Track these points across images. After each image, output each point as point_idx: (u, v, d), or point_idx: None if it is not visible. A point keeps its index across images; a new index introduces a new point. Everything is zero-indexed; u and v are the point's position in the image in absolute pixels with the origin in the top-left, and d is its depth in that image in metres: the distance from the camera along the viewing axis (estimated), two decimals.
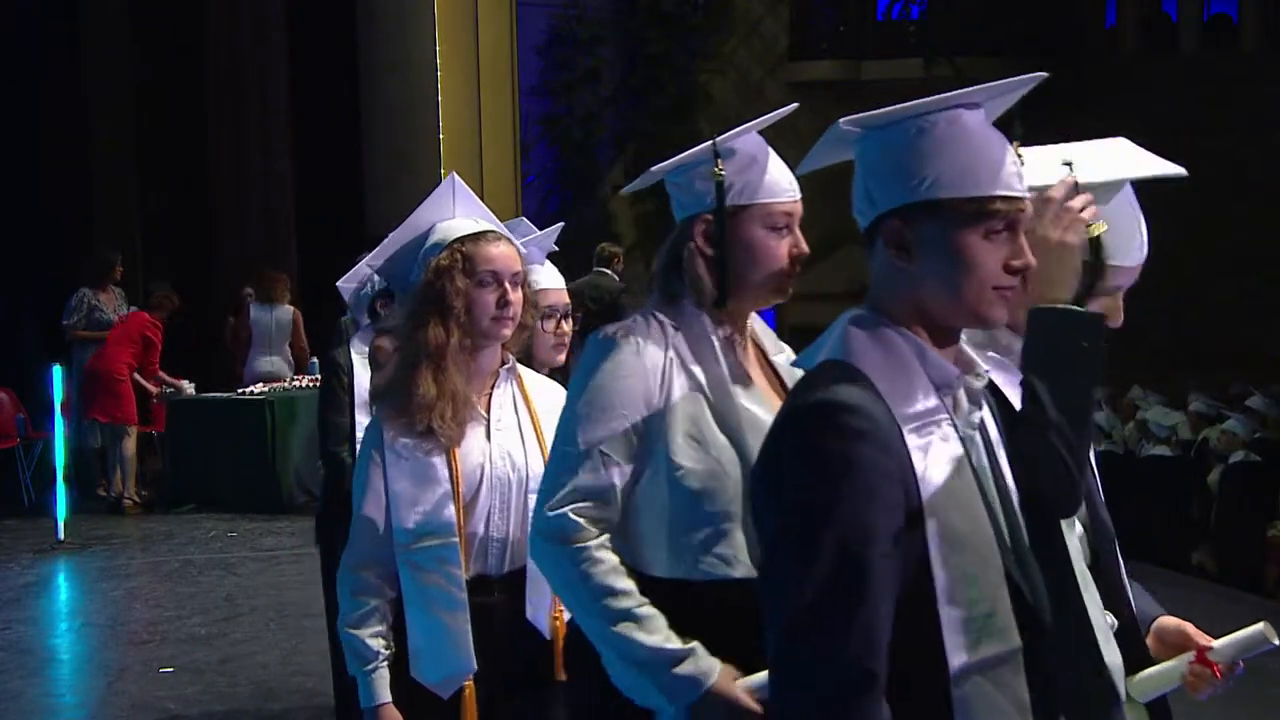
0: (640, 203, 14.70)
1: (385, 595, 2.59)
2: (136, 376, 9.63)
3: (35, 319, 11.40)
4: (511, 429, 2.64)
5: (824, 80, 15.89)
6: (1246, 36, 16.57)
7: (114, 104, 13.32)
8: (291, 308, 10.52)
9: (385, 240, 2.81)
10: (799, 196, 2.28)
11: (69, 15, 13.02)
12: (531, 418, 2.67)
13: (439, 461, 2.56)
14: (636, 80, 15.16)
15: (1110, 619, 2.04)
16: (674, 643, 2.07)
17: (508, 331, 2.61)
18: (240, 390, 9.84)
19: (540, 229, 3.44)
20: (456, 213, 2.70)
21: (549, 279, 3.34)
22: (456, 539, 2.54)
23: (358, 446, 4.20)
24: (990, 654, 1.61)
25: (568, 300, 3.36)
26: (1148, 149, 2.18)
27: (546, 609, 2.61)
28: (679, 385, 2.19)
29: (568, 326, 3.30)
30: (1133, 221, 2.17)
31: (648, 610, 2.10)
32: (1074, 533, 2.02)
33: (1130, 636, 2.06)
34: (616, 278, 10.61)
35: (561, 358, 3.29)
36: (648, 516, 2.18)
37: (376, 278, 4.24)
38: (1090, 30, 16.88)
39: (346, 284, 4.43)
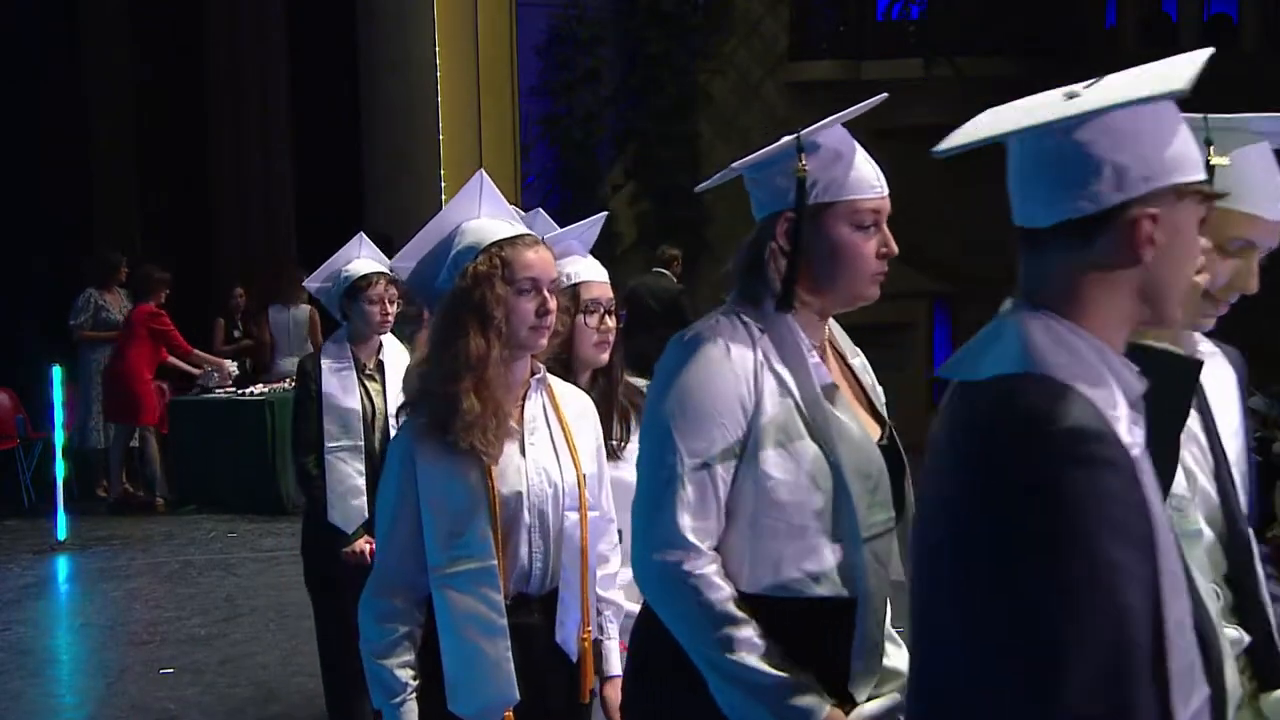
0: (640, 202, 14.70)
1: (415, 621, 2.45)
2: (175, 361, 9.65)
3: (35, 319, 11.40)
4: (545, 443, 2.51)
5: (824, 80, 15.86)
6: (1246, 36, 16.56)
7: (114, 104, 13.31)
8: (309, 307, 10.53)
9: (411, 242, 2.62)
10: (887, 192, 2.20)
11: (69, 15, 13.00)
12: (564, 430, 2.55)
13: (476, 479, 2.41)
14: (636, 80, 15.15)
15: (1241, 634, 1.96)
16: (791, 672, 2.01)
17: (544, 342, 2.49)
18: (240, 390, 9.84)
19: None
20: (482, 212, 2.56)
21: (592, 271, 3.07)
22: (495, 561, 2.40)
23: (326, 457, 4.20)
24: (1196, 706, 1.41)
25: (611, 295, 3.09)
26: None
27: (575, 630, 2.52)
28: (769, 390, 2.07)
29: (611, 323, 3.04)
30: (1271, 169, 2.01)
31: (764, 639, 2.02)
32: (1201, 544, 1.97)
33: (1268, 652, 1.99)
34: (675, 279, 10.75)
35: (605, 356, 3.04)
36: (733, 529, 2.07)
37: (342, 274, 4.31)
38: (1090, 30, 16.86)
39: (313, 283, 4.43)
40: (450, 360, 2.41)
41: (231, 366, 9.92)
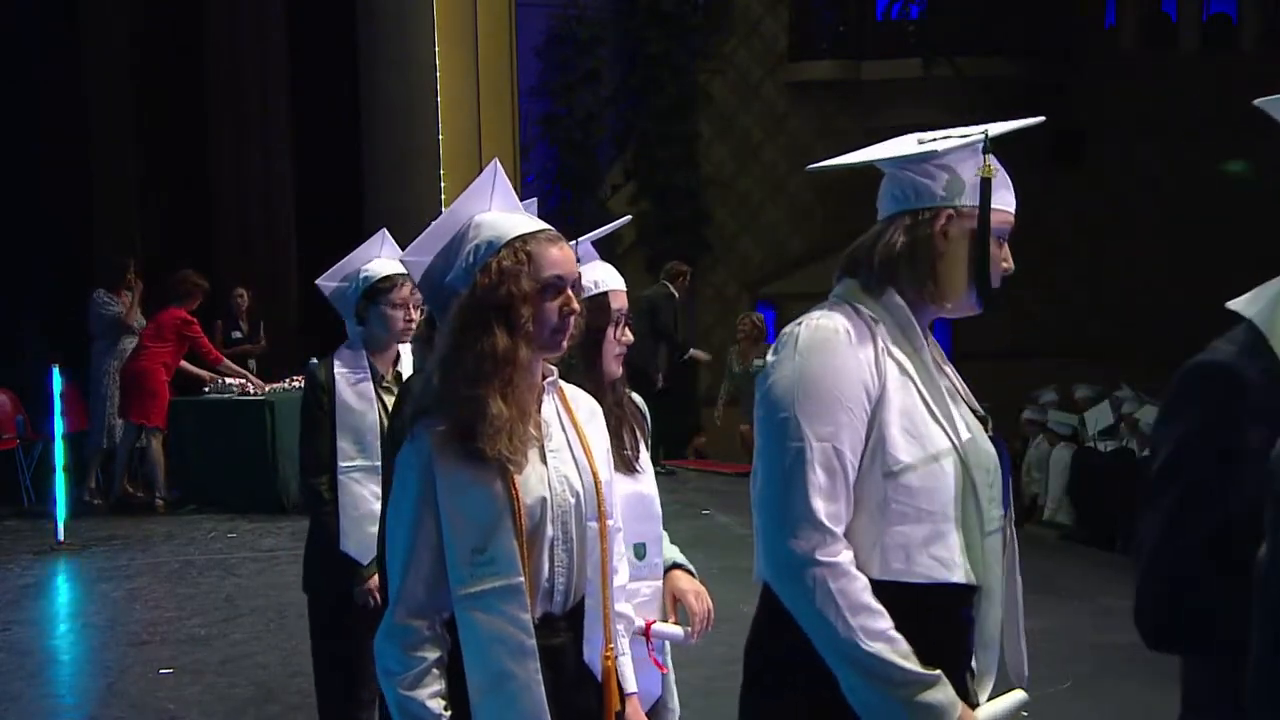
0: (639, 202, 14.70)
1: (444, 647, 2.26)
2: (192, 369, 9.70)
3: (35, 319, 11.40)
4: (563, 449, 2.36)
5: (824, 80, 15.89)
6: (1246, 36, 16.56)
7: (114, 104, 13.31)
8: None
9: (422, 236, 2.43)
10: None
11: (69, 15, 13.00)
12: (579, 434, 2.39)
13: (500, 490, 2.24)
14: (636, 80, 15.17)
15: None
16: (926, 667, 1.99)
17: (565, 344, 2.33)
18: (240, 390, 9.84)
19: None
20: (494, 205, 2.40)
21: (615, 279, 2.89)
22: (522, 578, 2.23)
23: (339, 478, 3.79)
24: None
25: (627, 304, 2.94)
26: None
27: (600, 647, 2.37)
28: (892, 376, 2.05)
29: (630, 335, 2.91)
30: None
31: (897, 631, 1.99)
32: None
33: None
34: (676, 295, 10.82)
35: (620, 369, 2.89)
36: (861, 514, 2.03)
37: (361, 273, 3.87)
38: (1090, 30, 16.88)
39: (327, 282, 3.95)
40: (474, 361, 2.24)
41: (255, 381, 9.94)
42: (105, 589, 7.47)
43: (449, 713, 2.25)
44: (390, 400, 3.79)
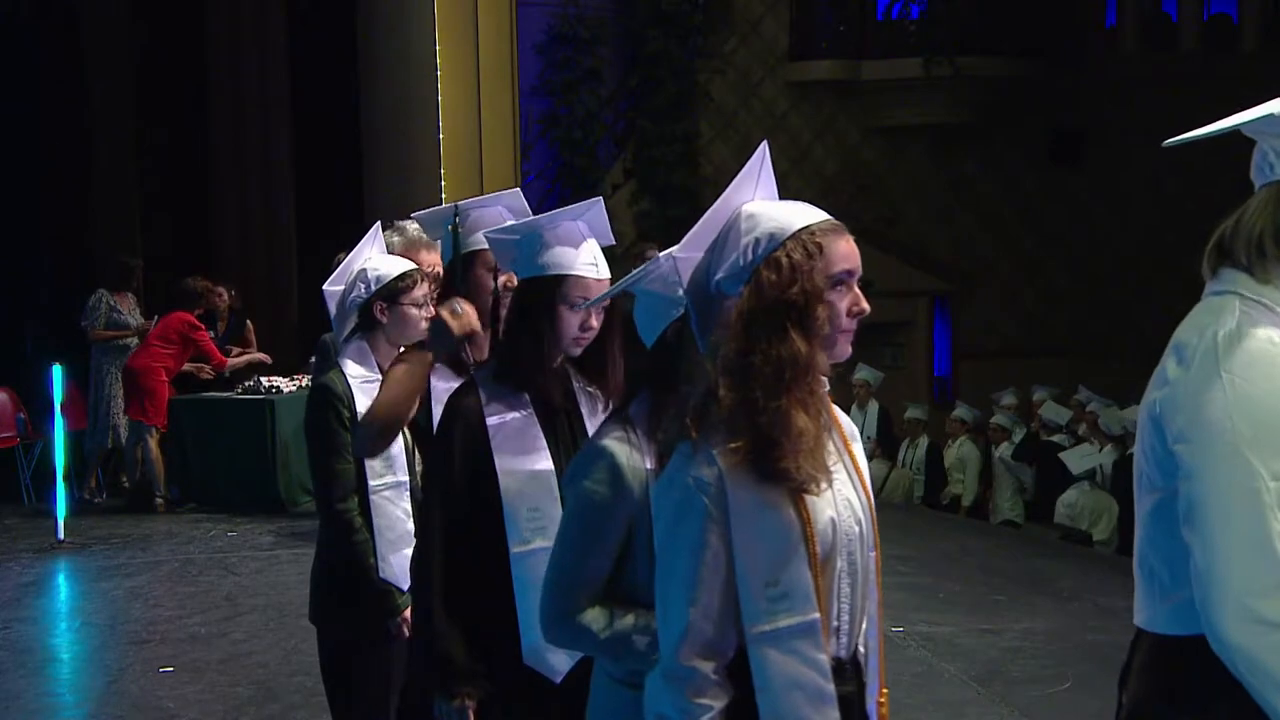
0: (640, 202, 14.71)
1: (730, 693, 1.99)
2: (194, 369, 9.76)
3: (36, 319, 11.42)
4: (840, 468, 2.10)
5: (824, 80, 15.89)
6: (1246, 36, 16.56)
7: (114, 103, 13.32)
8: None
9: (694, 230, 2.14)
10: None
11: (69, 15, 13.01)
12: (849, 452, 2.15)
13: (791, 515, 1.98)
14: (636, 80, 15.17)
15: None
16: None
17: (850, 349, 2.09)
18: (240, 390, 9.85)
19: None
20: (758, 194, 2.15)
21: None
22: (818, 615, 1.98)
23: (371, 498, 3.42)
24: None
25: None
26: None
27: (875, 694, 2.16)
28: None
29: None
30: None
31: None
32: None
33: None
34: None
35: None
36: None
37: (370, 273, 3.54)
38: (1090, 30, 16.88)
39: (333, 286, 3.63)
40: (773, 369, 1.97)
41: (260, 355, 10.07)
42: (105, 588, 7.47)
43: None
44: None
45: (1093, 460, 10.20)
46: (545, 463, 2.72)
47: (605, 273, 2.74)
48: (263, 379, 9.82)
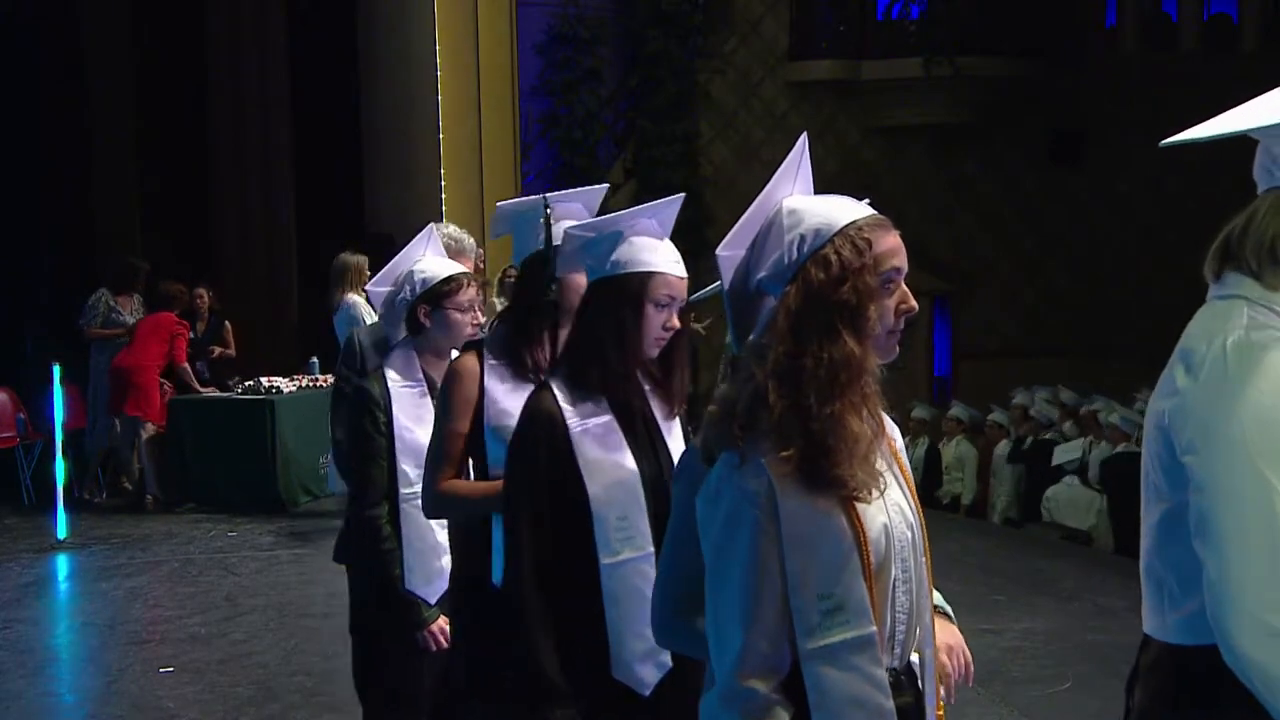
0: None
1: (790, 710, 1.90)
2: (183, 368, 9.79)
3: (36, 318, 11.41)
4: (888, 473, 2.02)
5: (824, 80, 15.88)
6: (1246, 36, 16.56)
7: (114, 103, 13.32)
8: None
9: (736, 228, 2.05)
10: None
11: (69, 15, 13.01)
12: (895, 458, 2.08)
13: (844, 524, 1.90)
14: (636, 80, 15.16)
15: None
16: None
17: (897, 350, 2.04)
18: (240, 390, 9.85)
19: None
20: (797, 188, 2.07)
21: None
22: (874, 627, 1.90)
23: (401, 506, 3.38)
24: None
25: None
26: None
27: (933, 705, 2.08)
28: None
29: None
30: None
31: None
32: None
33: None
34: None
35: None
36: None
37: (416, 275, 3.48)
38: (1090, 30, 16.88)
39: (377, 287, 3.57)
40: (825, 372, 1.89)
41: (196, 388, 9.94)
42: (105, 587, 7.47)
43: None
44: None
45: (1074, 452, 10.36)
46: (631, 468, 2.60)
47: (684, 271, 2.65)
48: (263, 379, 9.80)
